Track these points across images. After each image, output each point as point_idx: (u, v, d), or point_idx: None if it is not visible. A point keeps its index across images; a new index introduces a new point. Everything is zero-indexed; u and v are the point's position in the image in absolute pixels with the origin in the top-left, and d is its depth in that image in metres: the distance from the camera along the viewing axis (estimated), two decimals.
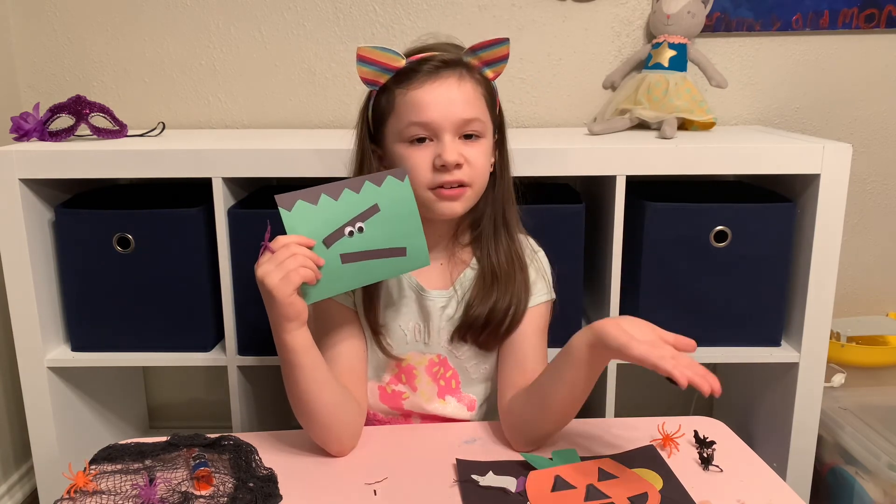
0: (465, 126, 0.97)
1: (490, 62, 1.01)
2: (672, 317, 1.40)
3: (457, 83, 0.98)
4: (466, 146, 0.98)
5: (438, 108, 0.96)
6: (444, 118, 0.96)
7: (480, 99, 1.00)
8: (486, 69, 1.02)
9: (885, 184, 1.79)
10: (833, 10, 1.67)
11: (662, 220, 1.37)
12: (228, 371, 1.43)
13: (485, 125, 1.00)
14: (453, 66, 0.98)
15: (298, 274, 0.87)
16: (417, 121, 0.96)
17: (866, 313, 1.83)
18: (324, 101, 1.75)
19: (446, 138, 0.96)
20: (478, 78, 1.00)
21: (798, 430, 1.41)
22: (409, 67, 0.98)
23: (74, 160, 1.34)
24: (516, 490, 0.87)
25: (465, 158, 0.97)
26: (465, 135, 0.98)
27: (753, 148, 1.35)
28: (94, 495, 0.84)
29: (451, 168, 0.96)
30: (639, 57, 1.68)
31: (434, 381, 1.08)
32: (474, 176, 0.99)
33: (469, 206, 1.01)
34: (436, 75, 0.97)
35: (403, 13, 1.70)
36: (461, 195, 0.98)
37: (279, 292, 0.86)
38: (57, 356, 1.43)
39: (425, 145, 0.97)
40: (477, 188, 1.00)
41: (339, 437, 0.96)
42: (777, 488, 0.90)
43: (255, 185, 1.53)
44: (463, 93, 0.97)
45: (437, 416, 1.09)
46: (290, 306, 0.88)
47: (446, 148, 0.96)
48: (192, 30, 1.72)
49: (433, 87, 0.96)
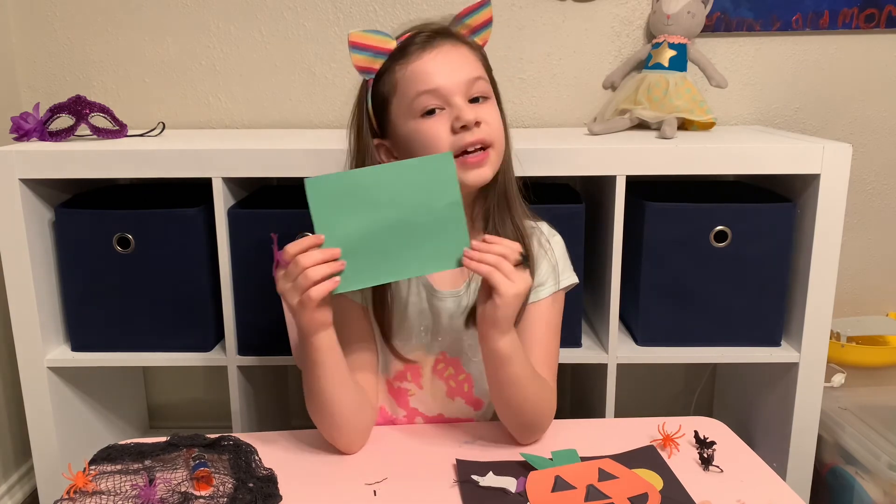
0: (472, 86, 0.96)
1: (476, 28, 1.02)
2: (672, 317, 1.41)
3: (453, 48, 0.98)
4: (478, 108, 0.96)
5: (443, 73, 0.95)
6: (451, 81, 0.95)
7: (478, 62, 1.00)
8: (474, 36, 1.02)
9: (885, 184, 1.79)
10: (833, 10, 1.67)
11: (662, 220, 1.37)
12: (228, 371, 1.43)
13: (489, 86, 0.99)
14: (445, 35, 0.99)
15: (317, 292, 0.85)
16: (425, 89, 0.95)
17: (866, 313, 1.83)
18: (324, 101, 1.75)
19: (458, 101, 0.95)
20: (470, 43, 1.01)
21: (798, 430, 1.41)
22: (402, 44, 0.98)
23: (74, 160, 1.34)
24: (516, 490, 0.86)
25: (481, 118, 0.95)
26: (473, 98, 0.97)
27: (753, 148, 1.35)
28: (93, 496, 0.84)
29: (471, 126, 0.94)
30: (639, 57, 1.68)
31: (443, 380, 1.07)
32: (493, 134, 0.97)
33: (495, 169, 0.98)
34: (431, 44, 0.97)
35: (403, 13, 1.70)
36: (486, 158, 0.96)
37: (301, 312, 0.87)
38: (57, 356, 1.43)
39: (438, 115, 0.95)
40: (499, 148, 0.98)
41: (350, 437, 0.97)
42: (777, 488, 0.90)
43: (255, 185, 1.54)
44: (461, 55, 0.98)
45: (442, 417, 1.09)
46: (313, 321, 0.89)
47: (462, 109, 0.94)
48: (192, 30, 1.72)
49: (432, 55, 0.96)
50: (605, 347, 1.41)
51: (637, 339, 1.45)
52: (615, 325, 1.39)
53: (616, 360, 1.40)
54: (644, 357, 1.42)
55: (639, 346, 1.44)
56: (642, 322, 1.43)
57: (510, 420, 0.99)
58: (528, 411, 0.97)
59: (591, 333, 1.50)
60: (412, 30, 1.01)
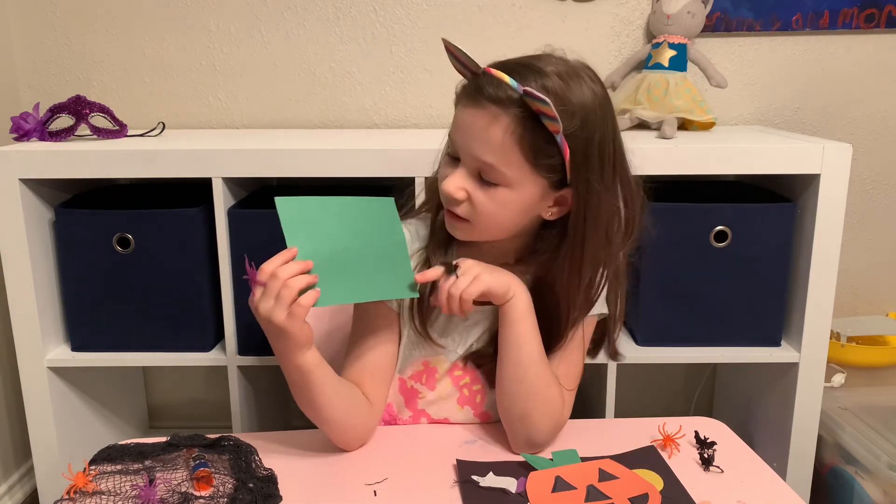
0: (480, 167, 0.91)
1: (541, 112, 0.87)
2: (672, 317, 1.41)
3: (487, 120, 0.88)
4: (479, 187, 0.92)
5: (463, 135, 0.92)
6: (464, 148, 0.92)
7: (512, 147, 0.88)
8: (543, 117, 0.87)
9: (885, 184, 1.79)
10: (833, 10, 1.67)
11: (662, 220, 1.36)
12: (228, 371, 1.43)
13: (508, 176, 0.90)
14: (496, 101, 0.88)
15: (307, 299, 0.85)
16: (453, 137, 0.94)
17: (866, 313, 1.83)
18: (324, 101, 1.75)
19: (458, 169, 0.93)
20: (523, 122, 0.87)
21: (798, 430, 1.41)
22: (469, 84, 0.93)
23: (74, 160, 1.34)
24: (516, 491, 0.86)
25: (468, 196, 0.92)
26: (484, 178, 0.92)
27: (753, 148, 1.35)
28: (93, 496, 0.84)
29: (450, 200, 0.93)
30: (639, 57, 1.68)
31: (457, 387, 1.07)
32: (476, 217, 0.93)
33: (477, 237, 0.97)
34: (475, 101, 0.90)
35: (403, 13, 1.70)
36: (461, 224, 0.95)
37: (290, 327, 0.85)
38: (57, 356, 1.43)
39: (455, 164, 0.94)
40: (482, 228, 0.95)
41: (348, 439, 0.98)
42: (777, 488, 0.90)
43: (255, 185, 1.53)
44: (487, 133, 0.88)
45: (447, 422, 1.08)
46: (301, 334, 0.88)
47: (449, 177, 0.93)
48: (192, 30, 1.72)
49: (468, 111, 0.91)
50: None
51: (637, 339, 1.45)
52: None
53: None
54: (644, 357, 1.42)
55: (639, 346, 1.44)
56: (642, 322, 1.43)
57: (509, 408, 0.98)
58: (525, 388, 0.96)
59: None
60: (504, 66, 0.91)
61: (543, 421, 0.97)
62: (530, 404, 0.96)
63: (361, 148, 1.33)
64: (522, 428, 0.97)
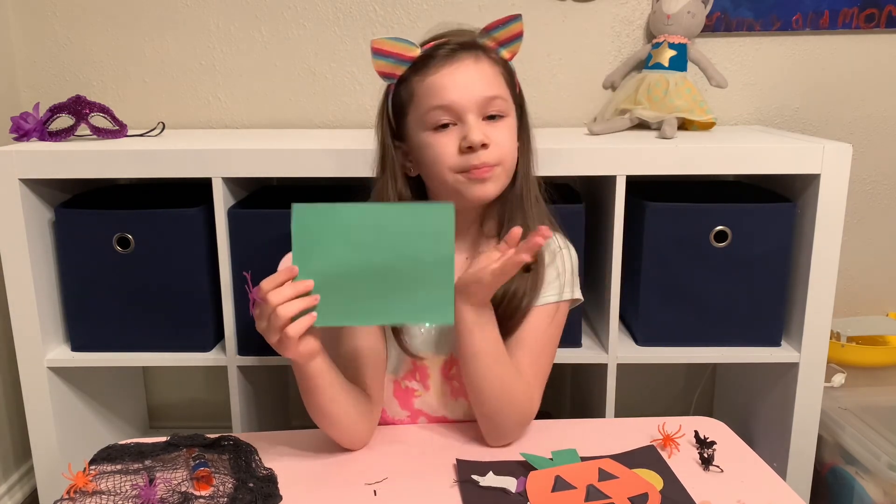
0: (487, 105, 0.96)
1: (505, 42, 1.01)
2: (672, 317, 1.41)
3: (474, 63, 0.97)
4: (490, 127, 0.97)
5: (458, 89, 0.95)
6: (466, 98, 0.95)
7: (499, 77, 0.99)
8: (502, 49, 1.01)
9: (885, 184, 1.79)
10: (833, 10, 1.67)
11: (662, 220, 1.37)
12: (228, 371, 1.43)
13: (507, 104, 0.99)
14: (469, 48, 0.98)
15: (294, 330, 0.83)
16: (439, 104, 0.96)
17: (866, 313, 1.83)
18: (324, 101, 1.75)
19: (470, 119, 0.95)
20: (494, 58, 1.00)
21: (798, 430, 1.41)
22: (424, 55, 0.98)
23: (74, 160, 1.34)
24: (516, 490, 0.87)
25: (490, 139, 0.96)
26: (489, 115, 0.97)
27: (753, 148, 1.35)
28: (93, 496, 0.84)
29: (477, 148, 0.95)
30: (639, 57, 1.68)
31: (448, 382, 1.07)
32: (502, 157, 0.97)
33: (501, 186, 0.99)
34: (452, 58, 0.97)
35: (403, 13, 1.70)
36: (490, 172, 0.96)
37: (283, 349, 0.86)
38: (57, 356, 1.43)
39: (449, 130, 0.96)
40: (507, 167, 0.99)
41: (351, 438, 0.99)
42: (777, 488, 0.90)
43: (255, 185, 1.53)
44: (481, 72, 0.97)
45: (445, 419, 1.09)
46: (300, 355, 0.88)
47: (471, 128, 0.95)
48: (192, 30, 1.72)
49: (451, 69, 0.96)
50: (606, 347, 1.41)
51: (637, 339, 1.45)
52: (615, 325, 1.39)
53: (616, 360, 1.40)
54: (644, 357, 1.42)
55: (639, 346, 1.44)
56: (642, 322, 1.43)
57: (476, 407, 0.99)
58: (488, 392, 0.97)
59: (591, 333, 1.50)
60: (437, 38, 1.01)
61: (511, 416, 0.99)
62: (495, 404, 0.98)
63: (361, 148, 1.33)
64: (491, 424, 0.99)
